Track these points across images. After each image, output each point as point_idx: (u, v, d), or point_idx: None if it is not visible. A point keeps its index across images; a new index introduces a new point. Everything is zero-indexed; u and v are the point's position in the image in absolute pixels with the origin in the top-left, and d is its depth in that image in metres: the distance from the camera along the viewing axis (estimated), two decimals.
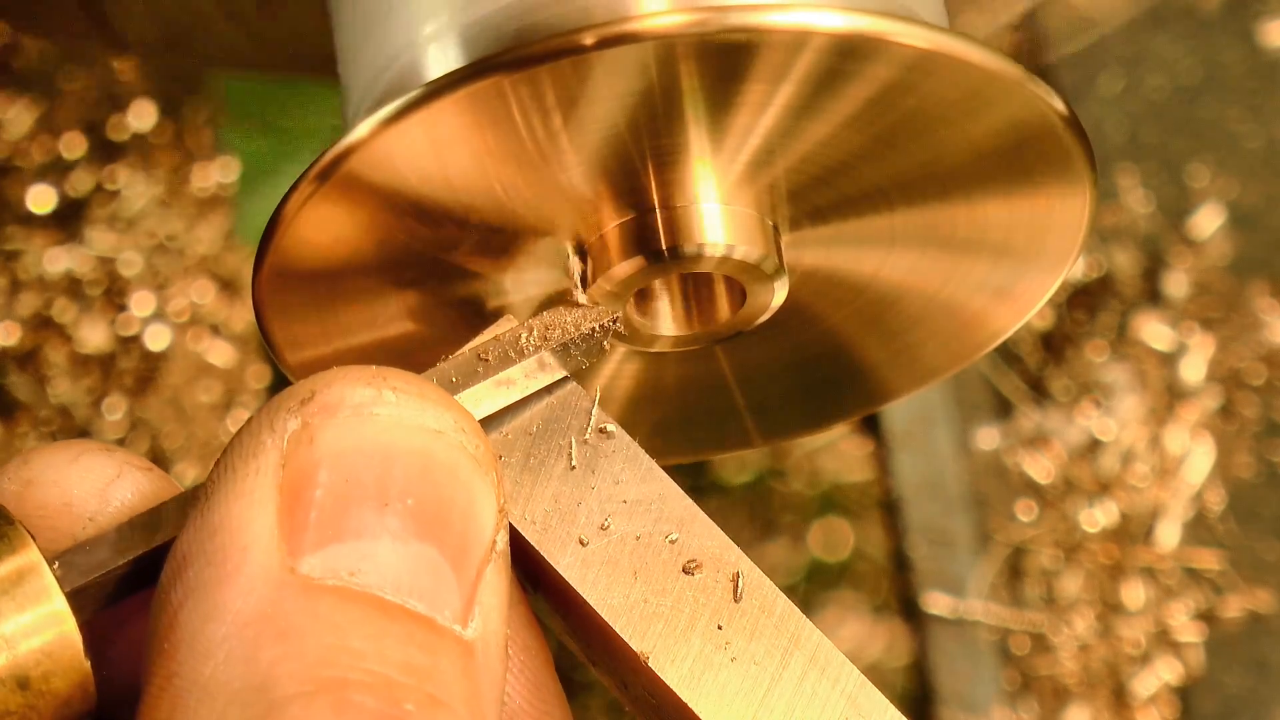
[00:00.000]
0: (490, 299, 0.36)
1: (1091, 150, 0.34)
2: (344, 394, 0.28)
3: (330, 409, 0.28)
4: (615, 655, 0.32)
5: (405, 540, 0.27)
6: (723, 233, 0.34)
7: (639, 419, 0.40)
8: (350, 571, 0.27)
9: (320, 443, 0.27)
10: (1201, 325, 1.01)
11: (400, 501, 0.27)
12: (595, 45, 0.30)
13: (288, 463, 0.27)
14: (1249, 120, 1.04)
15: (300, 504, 0.27)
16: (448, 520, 0.28)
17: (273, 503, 0.27)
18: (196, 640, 0.26)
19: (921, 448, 1.00)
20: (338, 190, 0.33)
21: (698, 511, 0.32)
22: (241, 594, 0.26)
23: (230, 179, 0.95)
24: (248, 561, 0.26)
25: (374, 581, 0.27)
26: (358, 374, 0.28)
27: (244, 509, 0.27)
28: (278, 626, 0.26)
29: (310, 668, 0.26)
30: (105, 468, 0.30)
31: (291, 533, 0.27)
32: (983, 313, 0.38)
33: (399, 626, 0.27)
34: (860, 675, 0.32)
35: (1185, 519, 0.99)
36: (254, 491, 0.27)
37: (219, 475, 0.28)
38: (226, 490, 0.27)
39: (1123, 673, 0.96)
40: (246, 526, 0.27)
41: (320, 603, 0.26)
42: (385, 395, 0.28)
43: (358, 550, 0.27)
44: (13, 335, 0.93)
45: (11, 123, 0.94)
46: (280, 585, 0.26)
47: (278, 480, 0.27)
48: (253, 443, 0.27)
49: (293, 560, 0.27)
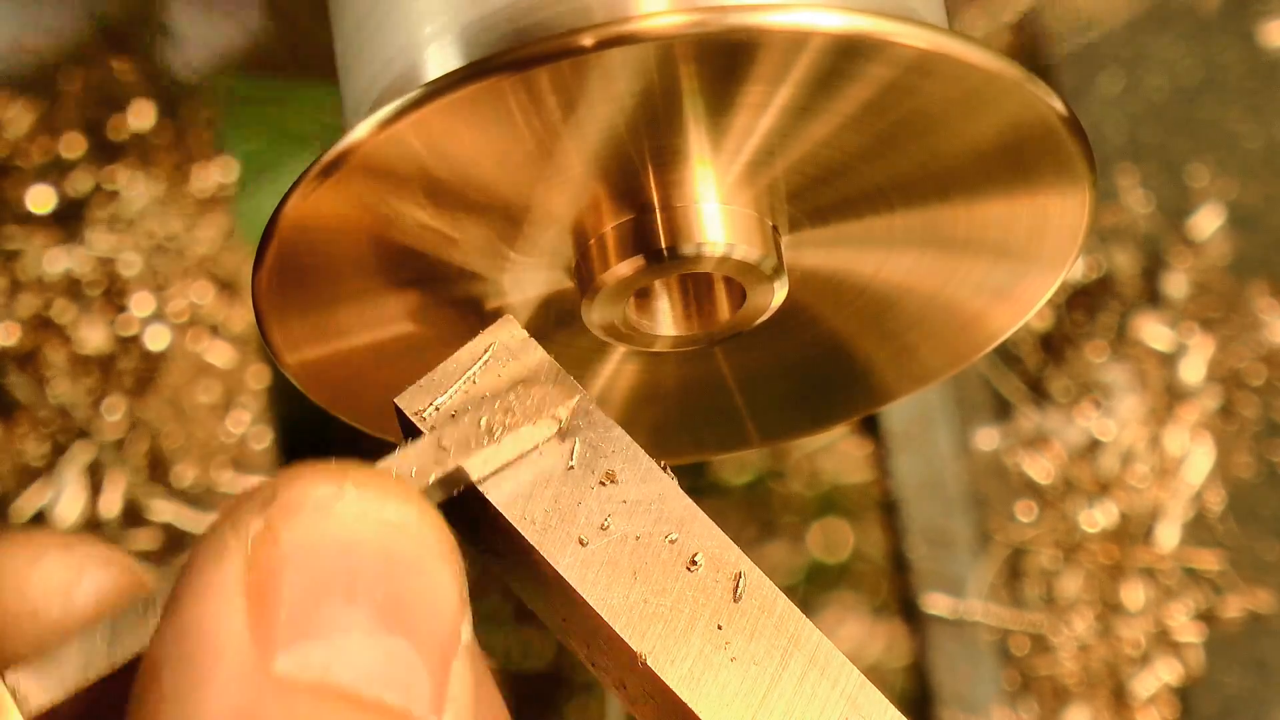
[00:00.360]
0: (490, 299, 0.36)
1: (1091, 150, 0.34)
2: (305, 492, 0.28)
3: (292, 508, 0.28)
4: (615, 655, 0.32)
5: (375, 634, 0.27)
6: (722, 233, 0.34)
7: (639, 419, 0.40)
8: (324, 668, 0.27)
9: (284, 541, 0.27)
10: (1201, 325, 1.01)
11: (367, 595, 0.27)
12: (595, 46, 0.30)
13: (253, 563, 0.27)
14: (1249, 120, 1.04)
15: (269, 603, 0.27)
16: (414, 613, 0.28)
17: (242, 602, 0.27)
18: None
19: (921, 448, 0.99)
20: (337, 190, 0.33)
21: (698, 511, 0.32)
22: (219, 696, 0.26)
23: (230, 179, 0.94)
24: (222, 663, 0.26)
25: (348, 677, 0.27)
26: (317, 471, 0.28)
27: (214, 611, 0.27)
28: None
29: None
30: (66, 570, 0.30)
31: (262, 632, 0.27)
32: (982, 313, 0.39)
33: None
34: (860, 675, 0.32)
35: (1185, 519, 0.99)
36: (222, 593, 0.27)
37: (185, 579, 0.28)
38: (195, 593, 0.27)
39: (1123, 673, 0.96)
40: (218, 628, 0.27)
41: (299, 701, 0.26)
42: (346, 490, 0.28)
43: (330, 646, 0.27)
44: (12, 335, 0.93)
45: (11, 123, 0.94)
46: (257, 686, 0.26)
47: (244, 581, 0.27)
48: (217, 545, 0.28)
49: (265, 660, 0.27)
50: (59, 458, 0.90)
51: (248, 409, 0.93)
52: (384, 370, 0.37)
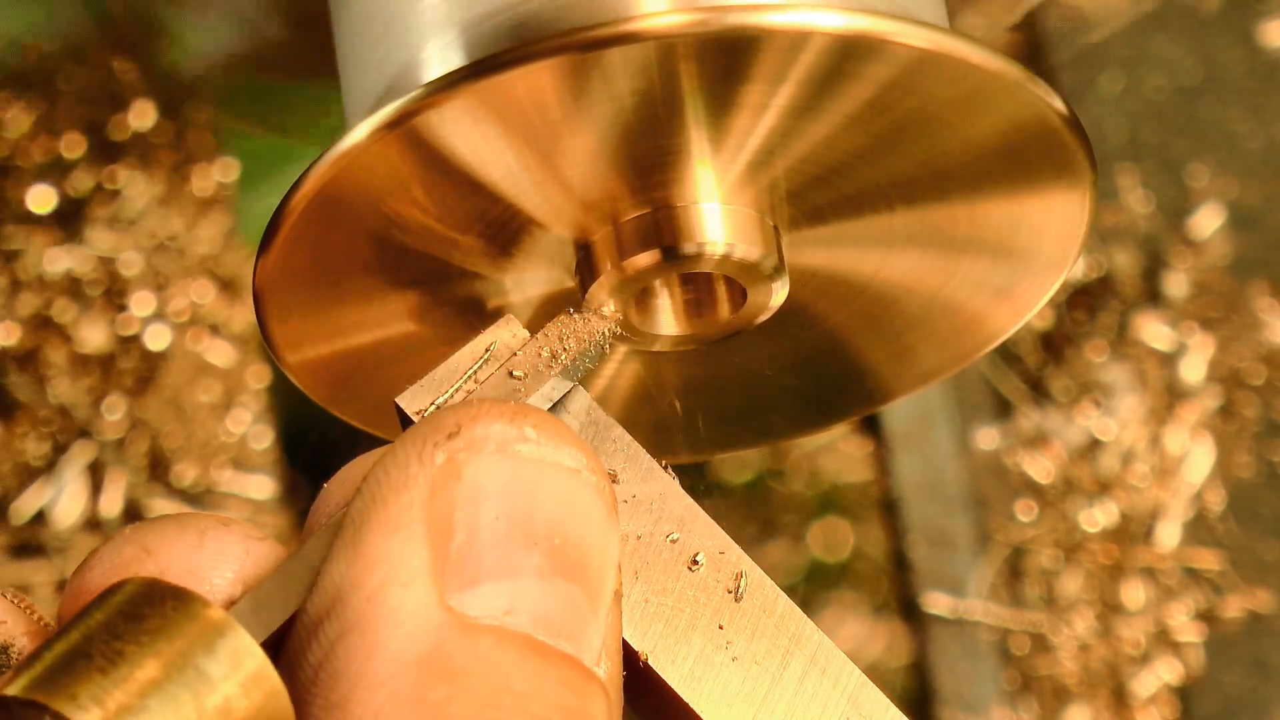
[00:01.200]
0: (490, 299, 0.36)
1: (1091, 150, 0.34)
2: (489, 430, 0.28)
3: (476, 445, 0.27)
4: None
5: (552, 579, 0.27)
6: (723, 232, 0.34)
7: (639, 419, 0.40)
8: (505, 611, 0.27)
9: (468, 478, 0.27)
10: (1201, 325, 1.01)
11: (546, 540, 0.27)
12: (595, 45, 0.30)
13: (435, 496, 0.27)
14: (1249, 120, 1.04)
15: (450, 539, 0.27)
16: (587, 560, 0.28)
17: (425, 537, 0.27)
18: (361, 676, 0.26)
19: (921, 448, 0.99)
20: (337, 191, 0.33)
21: (698, 511, 0.32)
22: (406, 631, 0.26)
23: (230, 179, 0.94)
24: (409, 598, 0.26)
25: (527, 622, 0.27)
26: (499, 410, 0.28)
27: (399, 543, 0.27)
28: (442, 666, 0.26)
29: (479, 709, 0.26)
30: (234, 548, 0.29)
31: (445, 569, 0.27)
32: (983, 313, 0.39)
33: (554, 669, 0.27)
34: (861, 675, 0.32)
35: (1185, 519, 0.99)
36: (408, 525, 0.27)
37: (367, 505, 0.27)
38: (379, 520, 0.27)
39: (1123, 673, 0.96)
40: (404, 561, 0.26)
41: (480, 643, 0.26)
42: (527, 432, 0.28)
43: (509, 589, 0.27)
44: (13, 335, 0.93)
45: (11, 123, 0.94)
46: (441, 624, 0.26)
47: (427, 514, 0.27)
48: (401, 475, 0.27)
49: (449, 598, 0.26)
50: (59, 457, 0.91)
51: (248, 409, 0.93)
52: (384, 370, 0.37)
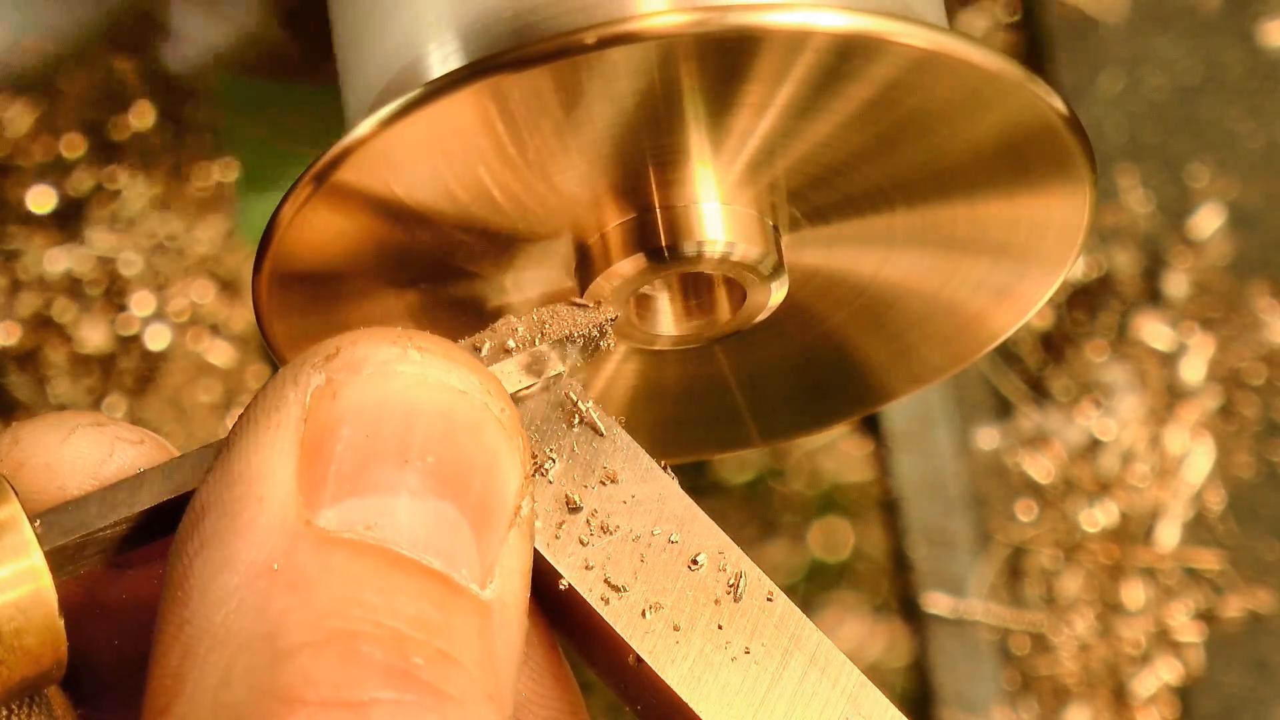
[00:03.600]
0: (490, 299, 0.36)
1: (1091, 150, 0.34)
2: (369, 351, 0.28)
3: (354, 365, 0.28)
4: (615, 655, 0.32)
5: (424, 497, 0.27)
6: (722, 232, 0.34)
7: (639, 419, 0.40)
8: (366, 525, 0.27)
9: (343, 398, 0.27)
10: (1201, 325, 1.01)
11: (420, 459, 0.27)
12: (595, 45, 0.30)
13: (310, 417, 0.27)
14: (1249, 120, 1.04)
15: (320, 458, 0.27)
16: (468, 480, 0.28)
17: (293, 455, 0.27)
18: (209, 589, 0.26)
19: (921, 448, 1.00)
20: (337, 191, 0.33)
21: (698, 511, 0.32)
22: (256, 544, 0.26)
23: (230, 179, 0.95)
24: (263, 512, 0.27)
25: (390, 536, 0.27)
26: (384, 333, 0.28)
27: (264, 460, 0.27)
28: (290, 577, 0.26)
29: (320, 618, 0.26)
30: (97, 447, 0.30)
31: (310, 486, 0.27)
32: (983, 313, 0.38)
33: (413, 582, 0.27)
34: (861, 675, 0.32)
35: (1185, 519, 0.99)
36: (275, 444, 0.27)
37: (240, 427, 0.28)
38: (247, 441, 0.27)
39: (1123, 673, 0.96)
40: (265, 477, 0.27)
41: (334, 555, 0.26)
42: (410, 354, 0.28)
43: (376, 505, 0.27)
44: (13, 335, 0.93)
45: (11, 123, 0.94)
46: (295, 536, 0.26)
47: (299, 434, 0.27)
48: (276, 396, 0.28)
49: (309, 513, 0.27)
50: None
51: None
52: None
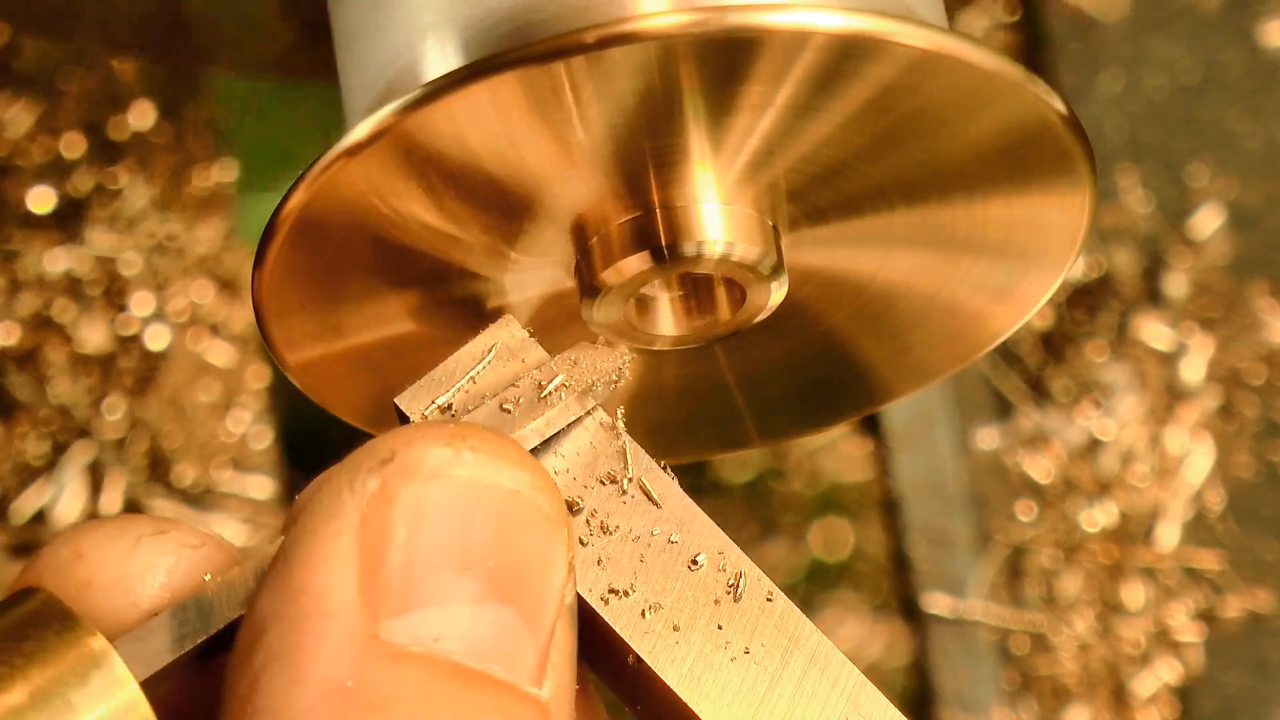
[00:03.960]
0: (490, 299, 0.36)
1: (1091, 150, 0.34)
2: (424, 454, 0.27)
3: (410, 470, 0.27)
4: (615, 655, 0.32)
5: (484, 604, 0.27)
6: (722, 233, 0.34)
7: (639, 419, 0.40)
8: (434, 638, 0.26)
9: (400, 504, 0.27)
10: (1201, 325, 1.01)
11: (480, 565, 0.27)
12: (595, 45, 0.30)
13: (367, 524, 0.27)
14: (1249, 120, 1.04)
15: (381, 567, 0.27)
16: (525, 581, 0.28)
17: (354, 566, 0.27)
18: (281, 707, 0.26)
19: (921, 448, 0.99)
20: (337, 190, 0.33)
21: (698, 511, 0.32)
22: (327, 661, 0.26)
23: (230, 179, 0.94)
24: (332, 627, 0.26)
25: (456, 648, 0.27)
26: (438, 433, 0.28)
27: (327, 572, 0.26)
28: (365, 695, 0.26)
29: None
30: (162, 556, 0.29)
31: (372, 597, 0.26)
32: (983, 313, 0.39)
33: (483, 695, 0.26)
34: (860, 675, 0.32)
35: (1185, 519, 0.99)
36: (336, 554, 0.27)
37: (298, 536, 0.27)
38: (308, 551, 0.27)
39: (1123, 673, 0.96)
40: (331, 590, 0.26)
41: (406, 671, 0.26)
42: (464, 455, 0.28)
43: (439, 616, 0.27)
44: (12, 335, 0.93)
45: (11, 123, 0.94)
46: (365, 652, 0.26)
47: (358, 542, 0.27)
48: (332, 503, 0.27)
49: (374, 625, 0.26)
50: (59, 457, 0.91)
51: (248, 409, 0.93)
52: (384, 370, 0.37)
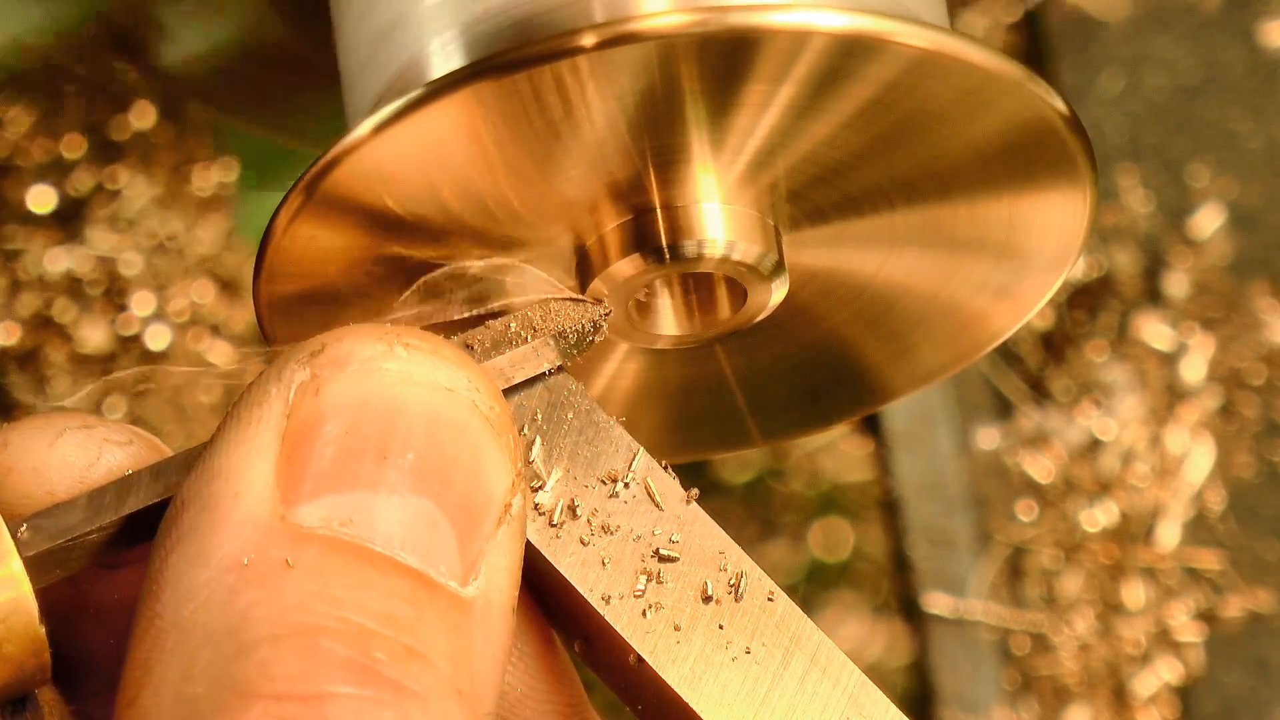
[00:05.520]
0: (490, 299, 0.36)
1: (1092, 150, 0.34)
2: (355, 347, 0.28)
3: (339, 361, 0.28)
4: (616, 655, 0.32)
5: (403, 494, 0.27)
6: (723, 233, 0.34)
7: (639, 419, 0.40)
8: (342, 522, 0.27)
9: (326, 394, 0.27)
10: (1201, 325, 1.01)
11: (401, 455, 0.27)
12: (596, 45, 0.30)
13: (292, 413, 0.27)
14: (1249, 120, 1.04)
15: (300, 454, 0.27)
16: (449, 477, 0.28)
17: (273, 451, 0.27)
18: (181, 582, 0.26)
19: (921, 448, 1.00)
20: (338, 190, 0.33)
21: (698, 511, 0.32)
22: (229, 539, 0.26)
23: (230, 179, 0.95)
24: (238, 507, 0.27)
25: (365, 533, 0.27)
26: (370, 329, 0.28)
27: (242, 456, 0.27)
28: (259, 572, 0.26)
29: (284, 613, 0.26)
30: (85, 449, 0.30)
31: (288, 481, 0.27)
32: (983, 313, 0.39)
33: (385, 578, 0.26)
34: (861, 675, 0.32)
35: (1185, 519, 0.99)
36: (255, 439, 0.27)
37: (224, 424, 0.28)
38: (229, 438, 0.27)
39: (1123, 673, 0.96)
40: (243, 472, 0.27)
41: (306, 550, 0.26)
42: (396, 350, 0.28)
43: (353, 502, 0.27)
44: (13, 335, 0.93)
45: (11, 123, 0.94)
46: (268, 532, 0.26)
47: (280, 429, 0.27)
48: (260, 392, 0.28)
49: (286, 509, 0.27)
50: None
51: None
52: None
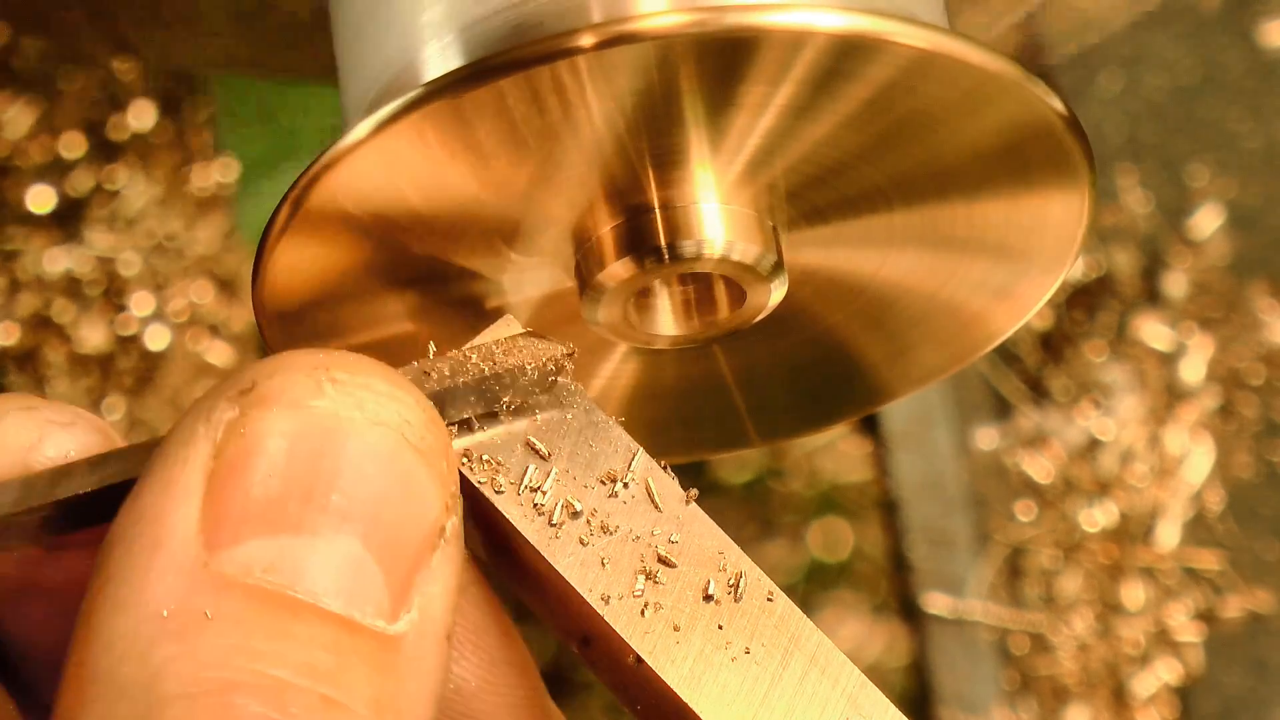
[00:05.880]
0: (490, 299, 0.36)
1: (1091, 150, 0.34)
2: (283, 384, 0.27)
3: (266, 401, 0.27)
4: (615, 655, 0.32)
5: (328, 536, 0.27)
6: (722, 233, 0.34)
7: (639, 419, 0.40)
8: (265, 569, 0.26)
9: (252, 434, 0.27)
10: (1201, 325, 1.01)
11: (325, 496, 0.27)
12: (594, 46, 0.30)
13: (219, 454, 0.27)
14: (1249, 120, 1.04)
15: (224, 496, 0.26)
16: (376, 514, 0.27)
17: (198, 494, 0.26)
18: (103, 631, 0.26)
19: (921, 448, 0.99)
20: (337, 190, 0.33)
21: (698, 511, 0.32)
22: (149, 586, 0.26)
23: (230, 179, 0.94)
24: (160, 554, 0.26)
25: (288, 580, 0.26)
26: (301, 362, 0.28)
27: (167, 499, 0.26)
28: (178, 624, 0.26)
29: (200, 668, 0.25)
30: (25, 431, 0.30)
31: (213, 526, 0.26)
32: (982, 313, 0.39)
33: (306, 627, 0.26)
34: (861, 675, 0.32)
35: (1185, 519, 0.99)
36: (179, 480, 0.27)
37: (153, 461, 0.27)
38: (156, 477, 0.27)
39: (1123, 673, 0.96)
40: (166, 516, 0.26)
41: (227, 600, 0.26)
42: (325, 387, 0.27)
43: (274, 547, 0.26)
44: (12, 335, 0.92)
45: (11, 123, 0.94)
46: (190, 580, 0.26)
47: (207, 470, 0.27)
48: (189, 431, 0.27)
49: (209, 554, 0.26)
50: None
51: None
52: None
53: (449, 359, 0.32)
